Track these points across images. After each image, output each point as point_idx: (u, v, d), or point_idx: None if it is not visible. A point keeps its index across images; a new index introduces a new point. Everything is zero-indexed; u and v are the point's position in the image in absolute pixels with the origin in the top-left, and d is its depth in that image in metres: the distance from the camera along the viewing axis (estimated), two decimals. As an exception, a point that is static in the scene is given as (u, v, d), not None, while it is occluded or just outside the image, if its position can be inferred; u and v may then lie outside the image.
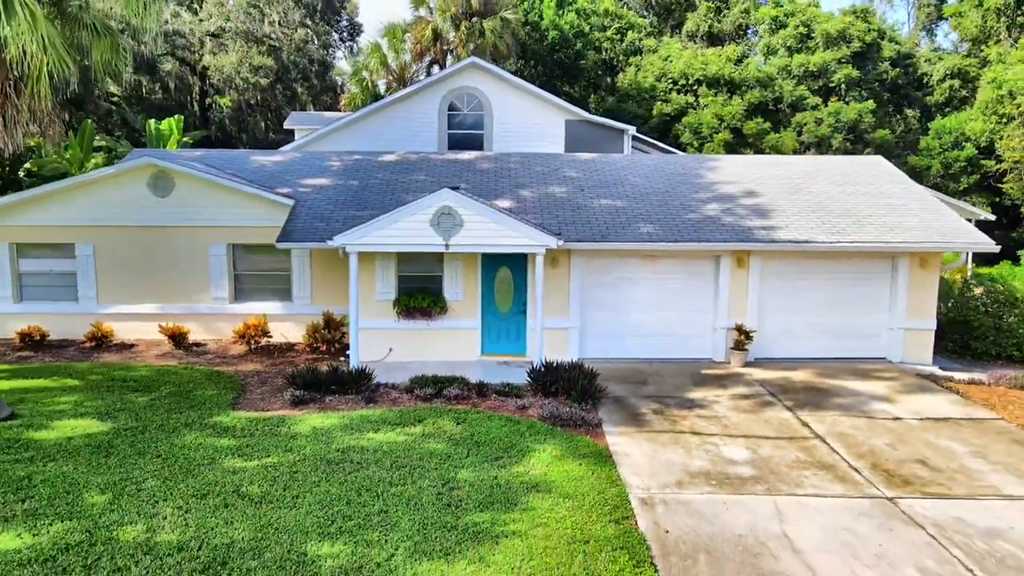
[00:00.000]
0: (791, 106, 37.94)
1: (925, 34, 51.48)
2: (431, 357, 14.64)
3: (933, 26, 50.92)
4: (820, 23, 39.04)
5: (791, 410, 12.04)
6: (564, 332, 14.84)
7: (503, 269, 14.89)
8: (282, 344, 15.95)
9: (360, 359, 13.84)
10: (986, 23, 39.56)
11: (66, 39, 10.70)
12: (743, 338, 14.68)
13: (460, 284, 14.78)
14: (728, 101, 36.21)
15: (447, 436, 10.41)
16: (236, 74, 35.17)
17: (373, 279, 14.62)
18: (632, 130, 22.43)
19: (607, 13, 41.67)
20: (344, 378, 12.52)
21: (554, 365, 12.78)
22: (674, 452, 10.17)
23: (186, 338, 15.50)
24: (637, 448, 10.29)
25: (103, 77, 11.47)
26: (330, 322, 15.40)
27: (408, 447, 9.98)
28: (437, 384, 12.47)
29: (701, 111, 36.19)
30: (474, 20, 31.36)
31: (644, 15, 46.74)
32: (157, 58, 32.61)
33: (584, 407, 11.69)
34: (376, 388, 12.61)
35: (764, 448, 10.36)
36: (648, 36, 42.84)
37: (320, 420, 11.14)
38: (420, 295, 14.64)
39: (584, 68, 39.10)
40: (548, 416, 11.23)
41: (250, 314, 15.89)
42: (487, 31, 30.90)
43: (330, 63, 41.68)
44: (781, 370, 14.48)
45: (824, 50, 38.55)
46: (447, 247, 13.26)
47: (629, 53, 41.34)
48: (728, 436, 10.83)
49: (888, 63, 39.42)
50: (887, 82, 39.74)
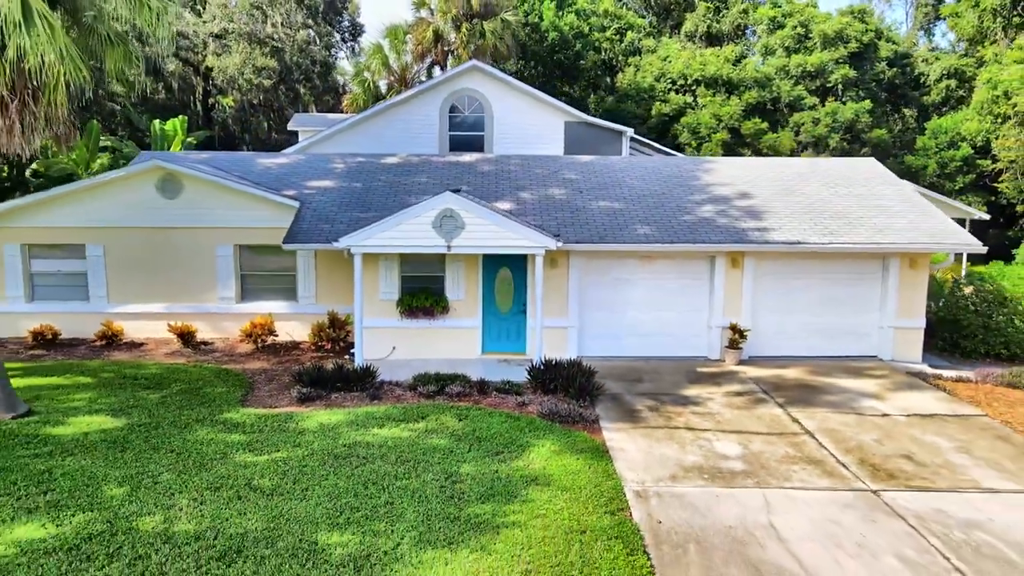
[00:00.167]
0: (789, 106, 38.27)
1: (923, 33, 51.77)
2: (433, 355, 15.02)
3: (931, 25, 51.21)
4: (818, 23, 39.35)
5: (783, 407, 12.43)
6: (563, 331, 15.22)
7: (503, 269, 15.27)
8: (288, 343, 16.34)
9: (364, 357, 14.22)
10: (983, 23, 39.85)
11: (81, 48, 11.05)
12: (737, 337, 15.06)
13: (462, 284, 15.16)
14: (726, 101, 36.54)
15: (449, 432, 10.79)
16: (239, 75, 35.54)
17: (377, 279, 15.00)
18: (630, 132, 22.79)
19: (607, 14, 41.98)
20: (349, 376, 12.89)
21: (553, 363, 13.16)
22: (668, 447, 10.56)
23: (194, 337, 15.88)
24: (633, 443, 10.67)
25: (116, 84, 11.76)
26: (335, 321, 15.78)
27: (412, 442, 10.36)
28: (439, 382, 12.84)
29: (699, 111, 36.53)
30: (475, 21, 31.68)
31: (643, 15, 47.03)
32: (161, 59, 32.95)
33: (582, 404, 12.06)
34: (380, 385, 12.99)
35: (755, 443, 10.75)
36: (647, 36, 43.17)
37: (327, 416, 11.52)
38: (423, 295, 15.02)
39: (584, 68, 39.42)
40: (547, 413, 11.60)
41: (256, 313, 16.28)
42: (488, 32, 31.23)
43: (332, 64, 42.05)
44: (774, 368, 14.86)
45: (822, 50, 38.86)
46: (449, 248, 13.64)
47: (628, 53, 41.66)
48: (721, 432, 11.21)
49: (885, 63, 39.74)
50: (884, 82, 40.05)
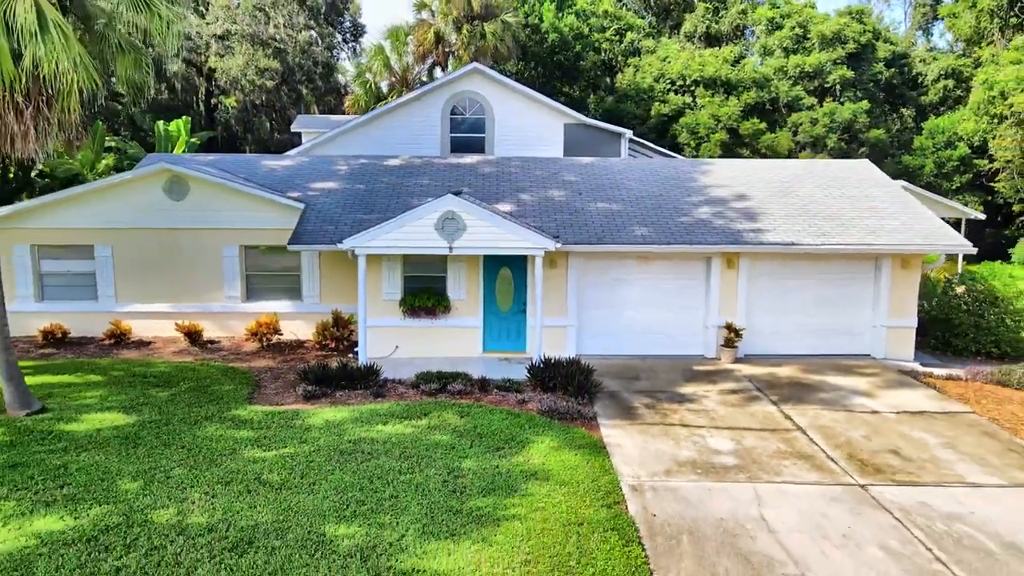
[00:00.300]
0: (787, 106, 38.57)
1: (921, 33, 52.02)
2: (435, 354, 15.35)
3: (929, 25, 51.48)
4: (816, 24, 39.62)
5: (775, 404, 12.75)
6: (562, 330, 15.54)
7: (504, 270, 15.59)
8: (292, 341, 16.66)
9: (368, 356, 14.56)
10: (980, 24, 40.14)
11: (92, 55, 11.36)
12: (733, 336, 15.39)
13: (463, 284, 15.48)
14: (725, 102, 36.84)
15: (451, 428, 11.11)
16: (243, 76, 35.87)
17: (380, 279, 15.33)
18: (629, 133, 23.10)
19: (606, 14, 42.28)
20: (353, 374, 13.22)
21: (552, 362, 13.48)
22: (664, 443, 10.88)
23: (201, 336, 16.21)
24: (629, 440, 10.99)
25: (127, 90, 12.08)
26: (339, 320, 16.10)
27: (415, 439, 10.68)
28: (441, 380, 13.16)
29: (698, 111, 36.82)
30: (475, 23, 31.97)
31: (643, 16, 47.32)
32: (165, 60, 33.28)
33: (580, 401, 12.38)
34: (384, 383, 13.31)
35: (748, 439, 11.07)
36: (647, 37, 43.46)
37: (332, 413, 11.85)
38: (425, 295, 15.34)
39: (583, 69, 39.73)
40: (546, 410, 11.92)
41: (262, 313, 16.60)
42: (488, 34, 31.53)
43: (334, 65, 42.37)
44: (769, 366, 15.18)
45: (820, 51, 39.14)
46: (451, 250, 13.96)
47: (628, 54, 41.95)
48: (715, 428, 11.54)
49: (883, 64, 40.01)
50: (882, 82, 40.33)
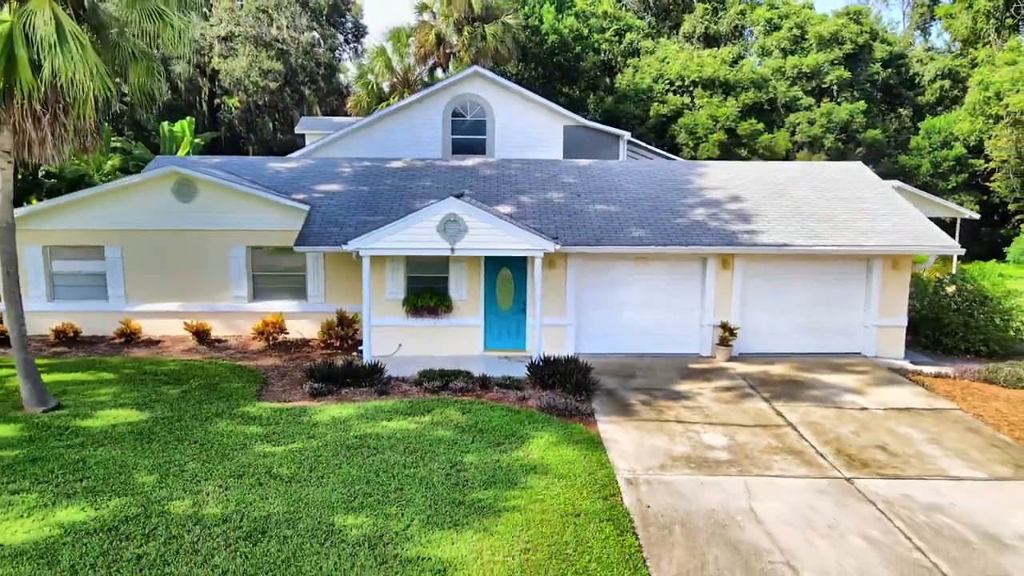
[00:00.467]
0: (785, 107, 38.95)
1: (919, 33, 52.37)
2: (438, 352, 15.74)
3: (927, 25, 51.84)
4: (814, 25, 40.00)
5: (768, 401, 13.15)
6: (561, 329, 15.94)
7: (504, 270, 15.98)
8: (298, 340, 17.06)
9: (372, 354, 14.95)
10: (976, 25, 40.52)
11: (105, 63, 11.74)
12: (727, 335, 15.78)
13: (464, 284, 15.88)
14: (723, 102, 37.22)
15: (454, 424, 11.51)
16: (246, 77, 36.26)
17: (384, 280, 15.73)
18: (627, 135, 23.48)
19: (606, 15, 42.63)
20: (358, 372, 13.61)
21: (552, 360, 13.87)
22: (659, 439, 11.28)
23: (209, 335, 16.60)
24: (626, 435, 11.39)
25: (141, 98, 12.47)
26: (343, 319, 16.50)
27: (419, 434, 11.08)
28: (444, 377, 13.56)
29: (696, 112, 37.21)
30: (476, 25, 32.35)
31: (642, 16, 47.66)
32: (170, 61, 33.66)
33: (579, 398, 12.78)
34: (388, 381, 13.69)
35: (740, 435, 11.47)
36: (646, 37, 43.80)
37: (338, 410, 12.25)
38: (427, 295, 15.74)
39: (583, 70, 40.10)
40: (545, 406, 12.32)
41: (268, 312, 17.00)
42: (489, 35, 31.91)
43: (336, 66, 42.77)
44: (762, 364, 15.58)
45: (817, 52, 39.53)
46: (453, 251, 14.35)
47: (627, 54, 42.31)
48: (709, 424, 11.94)
49: (880, 64, 40.38)
50: (879, 83, 40.70)
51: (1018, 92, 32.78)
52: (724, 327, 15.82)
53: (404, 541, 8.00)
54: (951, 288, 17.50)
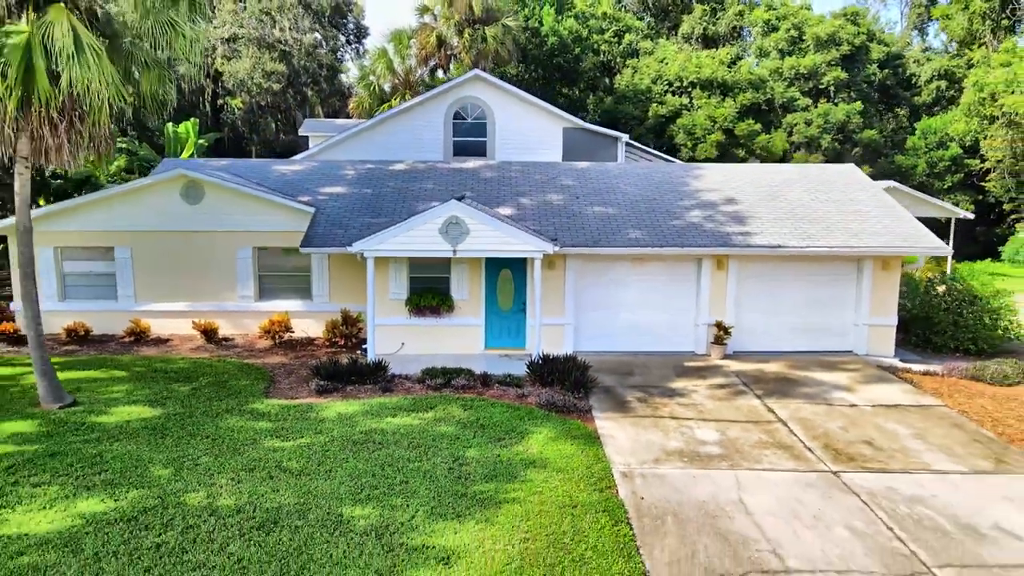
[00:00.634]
0: (782, 107, 39.32)
1: (917, 33, 52.72)
2: (440, 351, 16.15)
3: (924, 25, 52.19)
4: (811, 26, 40.36)
5: (760, 398, 13.56)
6: (560, 328, 16.35)
7: (505, 271, 16.39)
8: (303, 339, 17.47)
9: (376, 352, 15.36)
10: (972, 26, 40.89)
11: (119, 70, 12.13)
12: (722, 333, 16.19)
13: (466, 285, 16.29)
14: (721, 103, 37.60)
15: (456, 420, 11.92)
16: (249, 79, 36.66)
17: (387, 280, 16.14)
18: (625, 137, 23.87)
19: (605, 16, 42.99)
20: (363, 370, 14.02)
21: (551, 358, 14.27)
22: (654, 434, 11.69)
23: (216, 333, 17.02)
24: (622, 431, 11.81)
25: (152, 104, 12.87)
26: (347, 318, 16.91)
27: (422, 430, 11.50)
28: (446, 375, 13.97)
29: (695, 113, 37.58)
30: (477, 27, 32.74)
31: (641, 17, 48.02)
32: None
33: (577, 395, 13.18)
34: (391, 379, 14.10)
35: (732, 431, 11.88)
36: (645, 38, 44.18)
37: (344, 407, 12.66)
38: (430, 295, 16.15)
39: (582, 71, 40.50)
40: (545, 403, 12.74)
41: (274, 311, 17.42)
42: (489, 37, 32.29)
43: (338, 67, 43.17)
44: (756, 362, 15.99)
45: (814, 53, 39.90)
46: (455, 253, 14.76)
47: (626, 55, 42.69)
48: (702, 420, 12.35)
49: (876, 65, 40.75)
50: (875, 83, 41.08)
51: (1013, 93, 33.15)
52: (719, 326, 16.23)
53: (409, 531, 8.41)
54: (941, 288, 17.89)
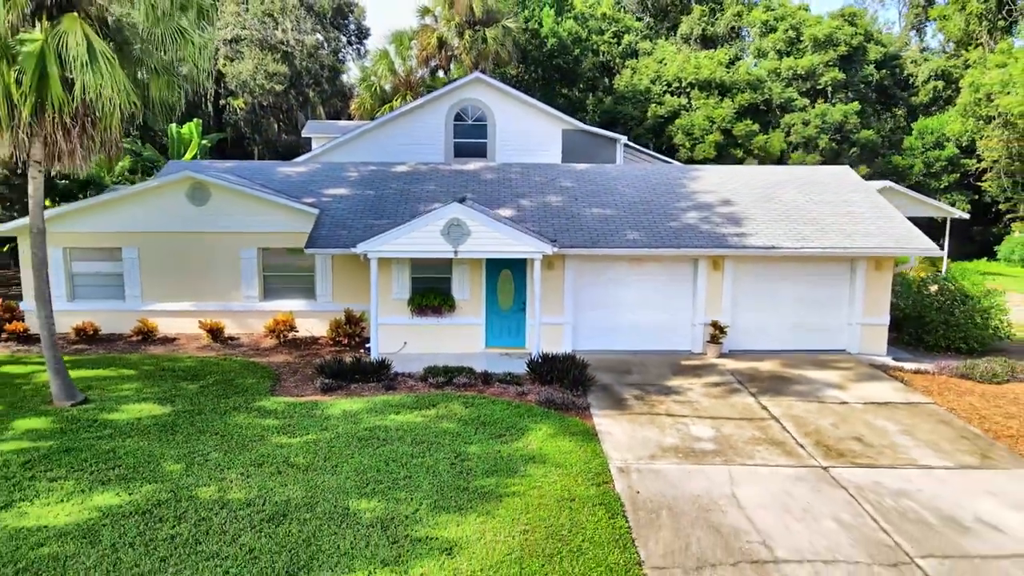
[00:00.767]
0: (780, 108, 39.63)
1: (915, 33, 53.01)
2: (442, 350, 16.49)
3: (922, 26, 52.48)
4: (809, 27, 40.66)
5: (754, 396, 13.90)
6: (559, 327, 16.69)
7: (505, 271, 16.73)
8: (307, 338, 17.81)
9: (379, 351, 15.70)
10: (968, 26, 41.18)
11: (128, 76, 12.45)
12: (718, 332, 16.53)
13: (467, 285, 16.62)
14: (719, 103, 37.91)
15: (458, 418, 12.26)
16: (252, 80, 36.98)
17: (390, 281, 16.47)
18: (624, 139, 24.19)
19: (604, 17, 43.29)
20: (366, 368, 14.35)
21: (550, 357, 14.61)
22: (650, 431, 12.03)
23: (222, 333, 17.35)
24: (619, 428, 12.14)
25: (161, 109, 13.20)
26: (350, 318, 17.25)
27: (425, 426, 11.83)
28: (448, 373, 14.30)
29: (693, 113, 37.90)
30: (477, 28, 33.05)
31: (640, 17, 48.31)
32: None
33: (575, 393, 13.52)
34: (394, 377, 14.44)
35: (726, 427, 12.22)
36: (644, 39, 44.48)
37: (348, 404, 12.99)
38: (432, 295, 16.49)
39: (582, 72, 40.80)
40: (544, 401, 13.07)
41: (278, 311, 17.75)
42: (489, 39, 32.61)
43: (340, 68, 43.49)
44: (751, 361, 16.33)
45: (812, 53, 40.19)
46: (456, 254, 15.09)
47: (626, 56, 43.00)
48: (697, 418, 12.69)
49: (873, 65, 41.05)
50: (873, 84, 41.38)
51: (1008, 94, 33.46)
52: (715, 325, 16.56)
53: (414, 523, 8.76)
54: (933, 287, 18.23)
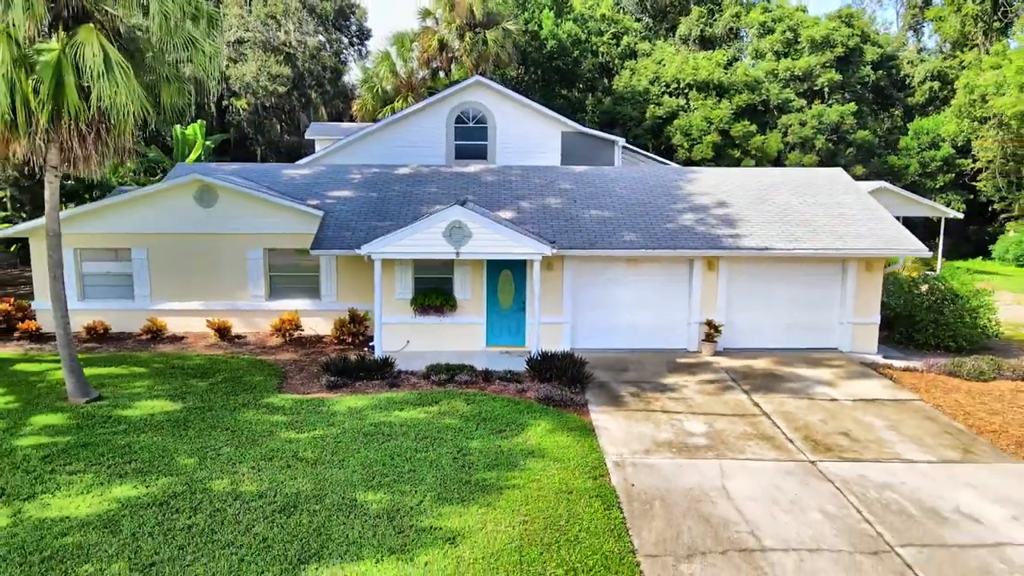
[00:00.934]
0: (777, 108, 40.02)
1: (912, 33, 53.40)
2: (443, 348, 16.92)
3: (920, 26, 52.86)
4: (806, 28, 41.03)
5: (747, 393, 14.33)
6: (558, 326, 17.11)
7: (505, 272, 17.16)
8: (312, 336, 18.24)
9: (383, 350, 16.12)
10: (964, 28, 41.57)
11: (141, 84, 12.86)
12: (713, 331, 16.96)
13: (468, 285, 17.05)
14: (717, 104, 38.30)
15: (459, 414, 12.69)
16: (255, 82, 37.39)
17: (393, 281, 16.90)
18: (622, 141, 24.61)
19: (603, 18, 43.66)
20: (371, 366, 14.78)
21: (549, 355, 15.04)
22: (645, 426, 12.46)
23: (229, 331, 17.78)
24: (615, 423, 12.58)
25: (172, 115, 13.63)
26: (354, 317, 17.67)
27: (428, 422, 12.27)
28: (450, 371, 14.73)
29: (691, 114, 38.30)
30: (478, 31, 33.45)
31: (639, 18, 48.69)
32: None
33: (573, 390, 13.95)
34: (398, 375, 14.86)
35: (719, 423, 12.65)
36: (643, 40, 44.86)
37: (353, 401, 13.43)
38: (434, 295, 16.92)
39: (581, 73, 41.19)
40: (543, 398, 13.50)
41: (284, 310, 18.18)
42: (490, 41, 33.01)
43: (341, 69, 43.88)
44: (745, 359, 16.76)
45: (809, 54, 40.57)
46: (458, 255, 15.51)
47: (625, 56, 43.38)
48: (691, 414, 13.12)
49: (870, 66, 41.43)
50: (869, 84, 41.76)
51: (1002, 95, 33.86)
52: (709, 324, 16.99)
53: (418, 514, 9.19)
54: (924, 287, 18.65)
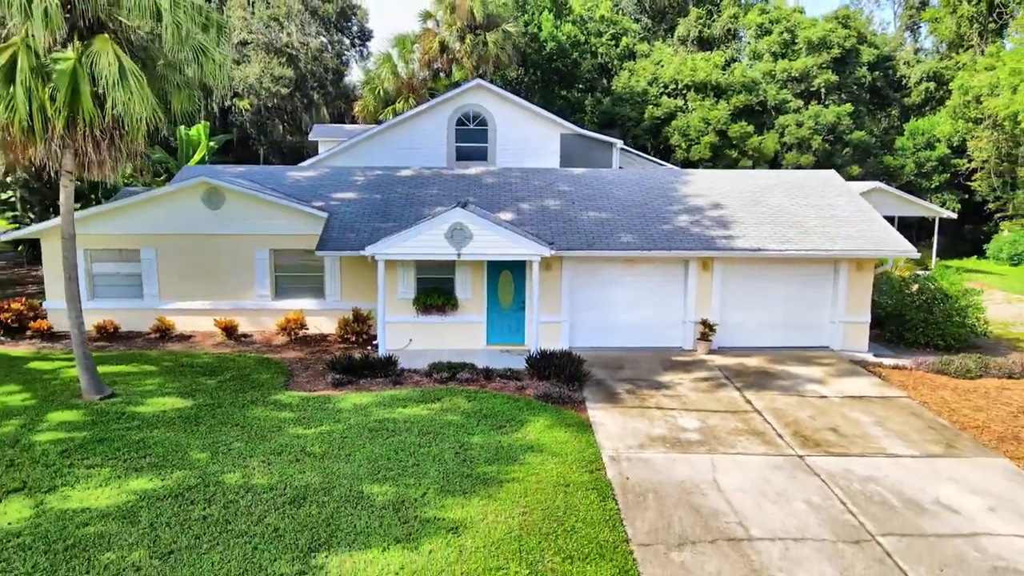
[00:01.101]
0: (774, 109, 40.44)
1: (909, 34, 53.78)
2: (445, 346, 17.36)
3: (916, 26, 53.25)
4: (803, 29, 41.41)
5: (739, 390, 14.78)
6: (557, 326, 17.55)
7: (505, 272, 17.59)
8: (317, 335, 18.68)
9: (387, 348, 16.57)
10: (960, 29, 41.95)
11: (153, 91, 13.29)
12: (707, 330, 17.40)
13: (469, 285, 17.49)
14: (715, 105, 38.72)
15: (461, 411, 13.14)
16: (258, 83, 37.80)
17: (396, 281, 17.34)
18: (620, 143, 25.05)
19: (603, 19, 44.06)
20: (374, 364, 15.22)
21: (548, 353, 15.50)
22: (640, 422, 12.91)
23: (236, 330, 18.22)
24: (611, 419, 13.03)
25: (182, 120, 14.05)
26: (358, 316, 18.11)
27: (431, 419, 12.71)
28: (451, 369, 15.18)
29: (689, 115, 38.72)
30: (478, 32, 33.87)
31: (638, 19, 49.08)
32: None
33: (571, 388, 14.39)
34: (401, 373, 15.30)
35: (712, 419, 13.10)
36: (641, 40, 45.25)
37: (358, 398, 13.87)
38: (436, 294, 17.35)
39: (580, 74, 41.60)
40: (542, 395, 13.95)
41: (289, 309, 18.62)
42: (490, 43, 33.42)
43: (343, 70, 44.30)
44: (739, 357, 17.20)
45: (806, 55, 40.96)
46: (459, 256, 15.95)
47: (623, 57, 43.79)
48: (685, 410, 13.57)
49: (867, 67, 41.81)
50: (866, 85, 42.16)
51: (997, 96, 34.26)
52: (704, 323, 17.43)
53: (422, 505, 9.64)
54: (914, 287, 19.08)
